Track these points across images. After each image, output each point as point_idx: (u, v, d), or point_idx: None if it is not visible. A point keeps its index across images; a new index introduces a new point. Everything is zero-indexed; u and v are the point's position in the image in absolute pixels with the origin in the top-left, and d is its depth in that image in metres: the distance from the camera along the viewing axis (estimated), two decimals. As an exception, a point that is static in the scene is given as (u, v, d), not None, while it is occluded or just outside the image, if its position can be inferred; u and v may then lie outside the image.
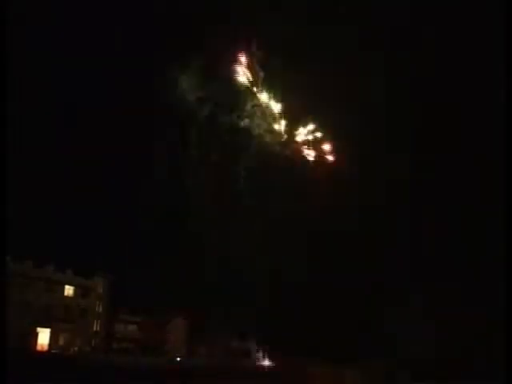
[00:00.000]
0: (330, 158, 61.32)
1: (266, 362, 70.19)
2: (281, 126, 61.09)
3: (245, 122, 61.32)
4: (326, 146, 61.40)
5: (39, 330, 57.13)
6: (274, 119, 61.00)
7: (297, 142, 61.73)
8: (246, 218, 61.04)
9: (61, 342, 59.24)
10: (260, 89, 59.33)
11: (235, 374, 56.90)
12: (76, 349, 59.44)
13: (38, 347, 56.53)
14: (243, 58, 57.26)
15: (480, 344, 54.86)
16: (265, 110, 60.61)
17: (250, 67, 57.85)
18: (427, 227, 63.38)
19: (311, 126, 61.12)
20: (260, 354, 71.30)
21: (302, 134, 61.47)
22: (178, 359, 62.19)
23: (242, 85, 58.76)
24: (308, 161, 61.78)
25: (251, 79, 58.48)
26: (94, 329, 63.85)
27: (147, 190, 61.15)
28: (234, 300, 61.11)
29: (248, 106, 60.87)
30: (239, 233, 61.21)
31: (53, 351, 56.23)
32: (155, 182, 61.32)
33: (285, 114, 60.71)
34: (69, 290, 60.86)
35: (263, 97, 59.79)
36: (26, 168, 57.80)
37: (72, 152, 61.66)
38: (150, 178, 61.94)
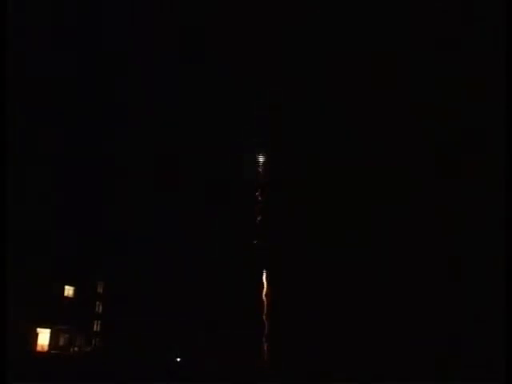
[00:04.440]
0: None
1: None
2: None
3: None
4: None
5: (39, 330, 57.19)
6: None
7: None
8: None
9: (61, 342, 59.32)
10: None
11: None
12: (76, 349, 59.50)
13: (38, 347, 56.60)
14: None
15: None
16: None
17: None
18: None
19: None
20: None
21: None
22: (178, 359, 62.16)
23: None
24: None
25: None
26: (94, 329, 63.90)
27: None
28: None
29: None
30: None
31: (53, 352, 56.29)
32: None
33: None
34: (69, 291, 60.98)
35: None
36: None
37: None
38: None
